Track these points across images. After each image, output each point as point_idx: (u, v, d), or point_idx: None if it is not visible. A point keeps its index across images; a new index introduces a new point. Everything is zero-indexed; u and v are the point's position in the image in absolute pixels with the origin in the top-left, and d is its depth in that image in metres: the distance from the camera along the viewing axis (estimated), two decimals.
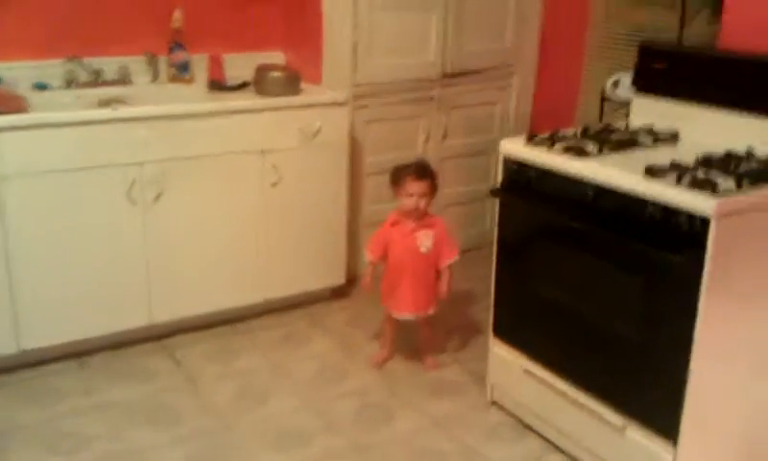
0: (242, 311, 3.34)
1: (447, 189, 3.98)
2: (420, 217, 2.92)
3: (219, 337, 3.24)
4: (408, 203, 2.88)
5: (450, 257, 2.97)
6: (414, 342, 3.13)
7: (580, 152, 2.39)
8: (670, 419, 2.12)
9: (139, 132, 2.86)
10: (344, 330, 3.35)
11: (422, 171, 2.91)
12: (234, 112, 3.07)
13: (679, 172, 2.10)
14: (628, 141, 2.48)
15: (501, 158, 2.59)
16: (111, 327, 3.01)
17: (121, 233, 2.92)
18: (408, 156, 3.77)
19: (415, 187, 2.86)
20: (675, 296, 2.07)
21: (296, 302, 3.48)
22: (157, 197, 2.95)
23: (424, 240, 2.92)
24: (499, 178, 2.60)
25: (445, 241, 2.96)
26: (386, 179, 3.04)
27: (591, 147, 2.42)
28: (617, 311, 2.26)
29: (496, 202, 2.65)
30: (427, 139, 3.85)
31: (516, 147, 2.53)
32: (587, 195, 2.27)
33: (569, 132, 2.64)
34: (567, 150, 2.40)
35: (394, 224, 2.95)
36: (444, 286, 2.98)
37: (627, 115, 2.87)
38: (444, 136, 3.92)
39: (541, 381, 2.54)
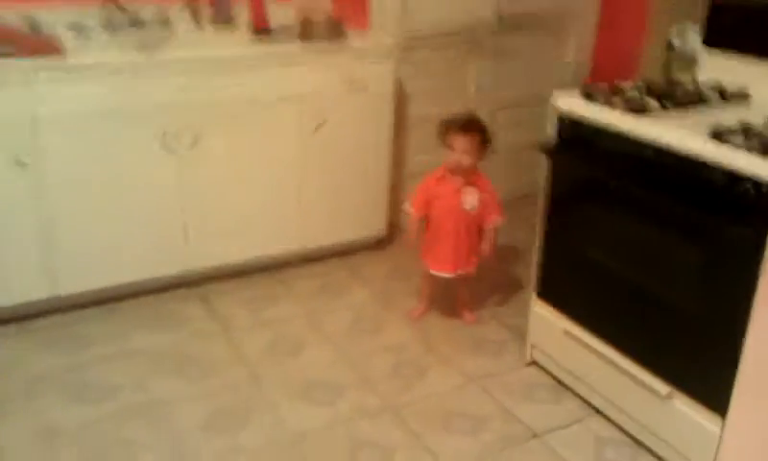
0: (279, 260, 3.29)
1: (499, 138, 3.83)
2: (467, 174, 2.79)
3: (255, 285, 3.20)
4: (452, 157, 2.76)
5: (496, 219, 2.85)
6: (453, 296, 3.03)
7: (641, 109, 2.22)
8: (720, 391, 2.01)
9: (177, 77, 2.78)
10: (382, 282, 3.28)
11: (469, 125, 2.77)
12: (276, 58, 2.97)
13: (748, 135, 1.94)
14: (694, 99, 2.31)
15: (554, 114, 2.43)
16: (145, 274, 2.98)
17: (157, 179, 2.87)
18: (456, 107, 3.65)
19: (459, 142, 2.74)
20: (736, 267, 1.92)
21: (335, 251, 3.41)
22: (194, 143, 2.88)
23: (469, 198, 2.80)
24: (551, 133, 2.45)
25: (492, 202, 2.84)
26: (432, 129, 2.91)
27: (653, 104, 2.26)
28: (671, 279, 2.13)
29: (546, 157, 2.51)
30: (477, 90, 3.69)
31: (570, 102, 2.37)
32: (646, 156, 2.12)
33: (629, 86, 2.47)
34: (627, 107, 2.24)
35: (439, 180, 2.83)
36: (487, 247, 2.88)
37: (693, 70, 2.67)
38: (496, 87, 3.75)
39: (584, 345, 2.43)
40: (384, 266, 3.41)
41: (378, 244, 3.53)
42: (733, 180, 1.88)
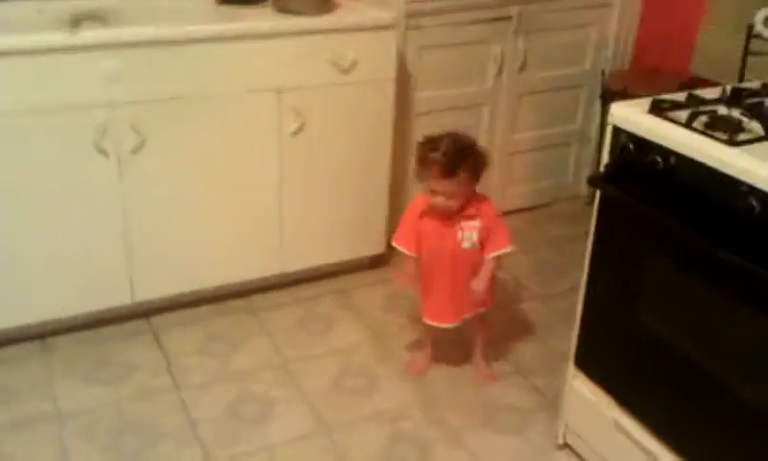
0: (252, 286, 2.67)
1: (521, 134, 3.18)
2: (461, 207, 2.16)
3: (221, 319, 2.59)
4: (431, 200, 2.12)
5: (500, 247, 2.20)
6: (465, 341, 2.42)
7: (735, 131, 1.57)
8: None
9: (111, 62, 2.12)
10: (377, 314, 2.66)
11: (451, 166, 2.06)
12: (242, 37, 2.30)
13: None
14: None
15: (610, 129, 1.78)
16: (82, 308, 2.39)
17: (90, 194, 2.25)
18: (474, 91, 2.99)
19: (440, 186, 2.09)
20: None
21: (323, 273, 2.79)
22: (137, 148, 2.24)
23: (468, 233, 2.17)
24: (604, 158, 1.80)
25: (496, 228, 2.20)
26: (444, 120, 2.26)
27: (755, 125, 1.59)
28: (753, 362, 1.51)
29: (594, 190, 1.85)
30: (500, 71, 3.02)
31: (633, 115, 1.71)
32: (746, 205, 1.47)
33: (712, 94, 1.80)
34: (714, 127, 1.59)
35: (423, 215, 2.19)
36: (480, 283, 2.19)
37: None
38: (522, 67, 3.07)
39: (635, 441, 1.82)
40: (380, 292, 2.78)
41: (375, 262, 2.90)
42: None
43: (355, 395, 2.28)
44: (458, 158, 2.07)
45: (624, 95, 2.90)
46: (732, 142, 1.54)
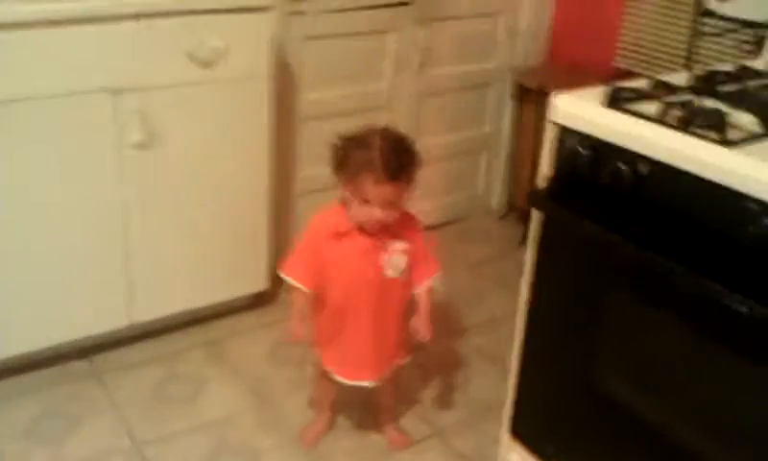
0: (93, 342, 2.08)
1: (425, 141, 2.69)
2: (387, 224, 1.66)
3: (55, 386, 1.99)
4: (363, 214, 1.61)
5: (431, 274, 1.74)
6: (370, 401, 1.93)
7: (722, 126, 1.16)
8: None
9: None
10: (261, 369, 2.13)
11: (393, 165, 1.58)
12: (57, 22, 1.71)
13: None
14: None
15: (552, 131, 1.34)
16: None
17: None
18: (370, 92, 2.51)
19: (380, 194, 1.58)
20: None
21: (186, 320, 2.23)
22: None
23: (395, 259, 1.68)
24: (544, 168, 1.36)
25: (422, 249, 1.73)
26: (333, 126, 1.77)
27: (745, 118, 1.19)
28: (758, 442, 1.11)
29: (534, 213, 1.41)
30: (399, 67, 2.56)
31: (586, 109, 1.28)
32: (753, 225, 1.06)
33: (677, 80, 1.39)
34: (692, 122, 1.18)
35: (339, 236, 1.67)
36: (423, 324, 1.75)
37: (751, 46, 1.63)
38: (424, 63, 2.62)
39: None
40: (263, 340, 2.25)
41: (255, 303, 2.37)
42: None
43: None
44: (400, 156, 1.59)
45: (540, 93, 2.52)
46: (726, 142, 1.12)
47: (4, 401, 1.91)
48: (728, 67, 1.49)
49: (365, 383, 1.76)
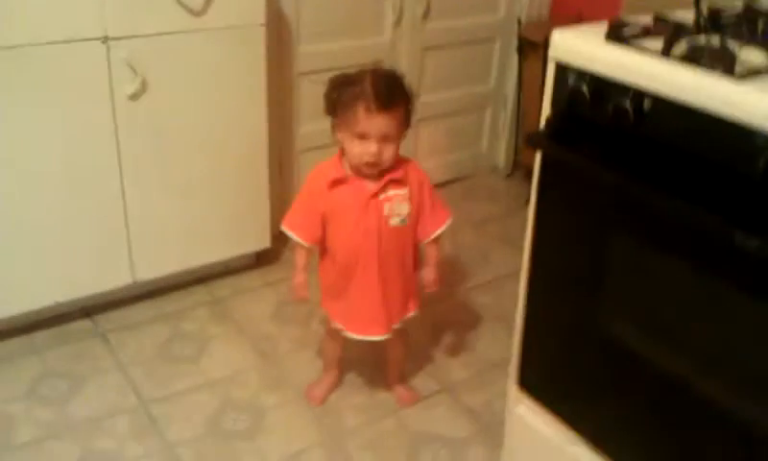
0: (96, 301, 2.08)
1: (427, 97, 2.67)
2: (384, 169, 1.63)
3: (62, 344, 1.98)
4: (359, 151, 1.58)
5: (440, 224, 1.72)
6: (378, 357, 1.92)
7: (731, 62, 1.11)
8: None
9: None
10: (265, 328, 2.12)
11: (385, 95, 1.55)
12: None
13: None
14: None
15: (552, 69, 1.30)
16: None
17: None
18: (369, 45, 2.47)
19: (373, 125, 1.55)
20: None
21: (190, 279, 2.22)
22: None
23: (396, 206, 1.65)
24: (546, 109, 1.32)
25: (428, 197, 1.70)
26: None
27: (755, 54, 1.15)
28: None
29: (534, 154, 1.37)
30: (399, 20, 2.51)
31: (587, 45, 1.24)
32: (751, 160, 1.02)
33: (682, 18, 1.34)
34: (699, 58, 1.13)
35: (336, 183, 1.64)
36: (431, 275, 1.74)
37: None
38: (426, 15, 2.57)
39: None
40: (267, 298, 2.24)
41: (259, 261, 2.35)
42: None
43: (238, 439, 1.74)
44: (390, 87, 1.57)
45: (546, 47, 2.47)
46: (735, 75, 1.08)
47: (6, 362, 1.92)
48: (736, 6, 1.44)
49: (375, 338, 1.73)
